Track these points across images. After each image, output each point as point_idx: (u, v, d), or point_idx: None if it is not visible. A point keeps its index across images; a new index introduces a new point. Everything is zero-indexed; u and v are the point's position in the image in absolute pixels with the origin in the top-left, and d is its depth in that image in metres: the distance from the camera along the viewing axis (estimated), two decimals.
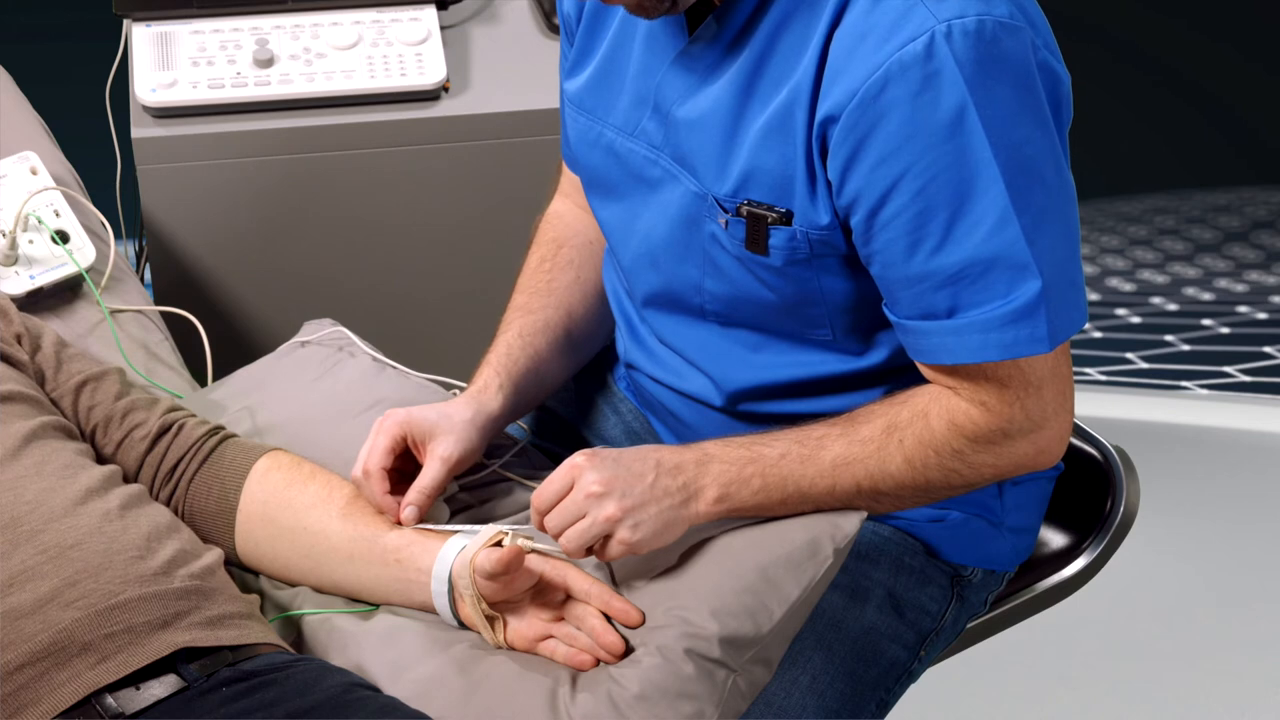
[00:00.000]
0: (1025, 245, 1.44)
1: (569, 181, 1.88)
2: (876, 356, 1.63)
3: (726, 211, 1.56)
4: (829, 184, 1.50)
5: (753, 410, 1.69)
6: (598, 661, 1.52)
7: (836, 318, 1.61)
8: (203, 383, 2.00)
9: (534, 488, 1.73)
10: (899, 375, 1.63)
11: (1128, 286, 4.20)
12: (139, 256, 2.43)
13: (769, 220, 1.53)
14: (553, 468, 1.79)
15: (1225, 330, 3.93)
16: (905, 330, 1.53)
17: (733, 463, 1.56)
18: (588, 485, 1.52)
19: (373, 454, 1.62)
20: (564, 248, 1.85)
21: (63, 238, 2.02)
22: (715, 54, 1.54)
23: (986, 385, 1.52)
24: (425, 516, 1.66)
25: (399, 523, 1.61)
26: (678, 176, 1.59)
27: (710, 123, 1.55)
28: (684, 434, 1.78)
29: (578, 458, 1.54)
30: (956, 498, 1.71)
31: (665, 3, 1.49)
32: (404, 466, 1.64)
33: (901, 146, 1.43)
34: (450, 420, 1.66)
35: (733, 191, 1.55)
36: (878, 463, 1.56)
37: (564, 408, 1.91)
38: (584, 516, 1.52)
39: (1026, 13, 1.46)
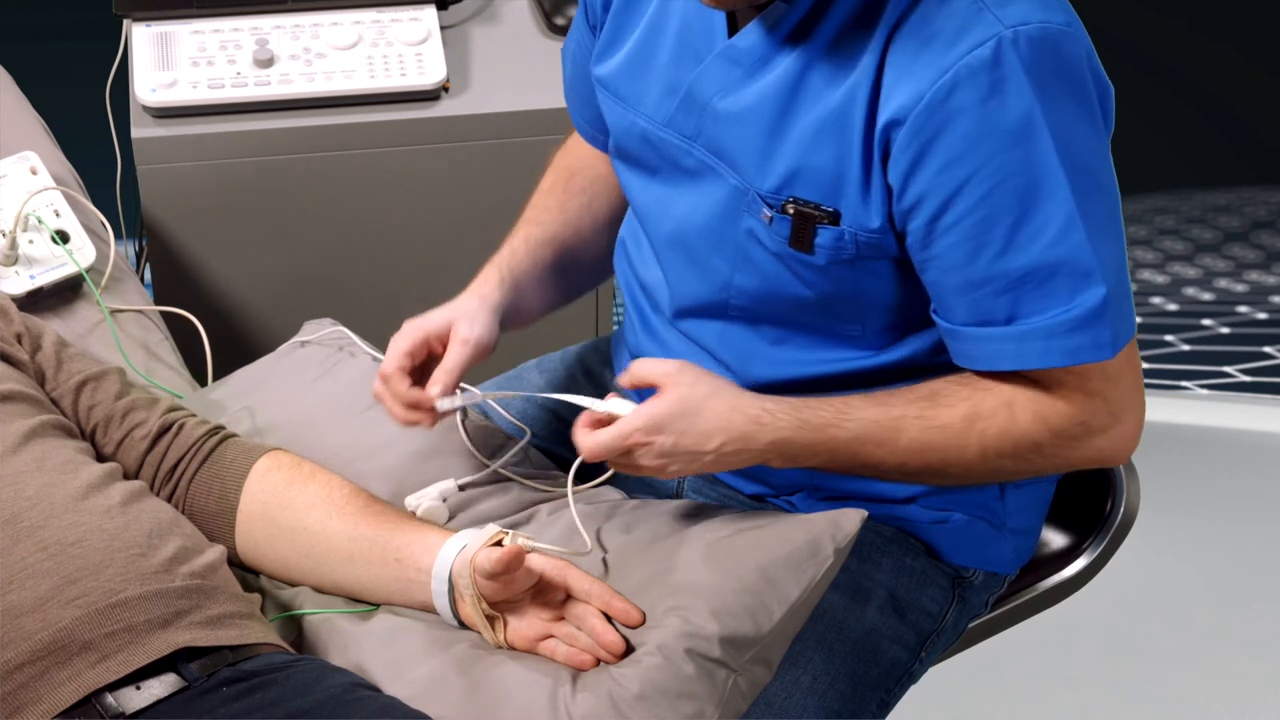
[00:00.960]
0: (1090, 251, 1.45)
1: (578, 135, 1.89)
2: (898, 353, 1.63)
3: (771, 208, 1.55)
4: (887, 188, 1.50)
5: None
6: (598, 661, 1.52)
7: (869, 316, 1.61)
8: (203, 383, 2.00)
9: (534, 488, 1.74)
10: (918, 373, 1.63)
11: None
12: (139, 256, 2.43)
13: (817, 219, 1.53)
14: (553, 468, 1.80)
15: (1225, 330, 3.93)
16: (959, 337, 1.53)
17: (803, 446, 1.55)
18: (645, 458, 1.53)
19: (389, 358, 1.64)
20: (577, 176, 1.85)
21: (63, 238, 2.02)
22: (763, 50, 1.53)
23: (1063, 382, 1.51)
24: (424, 517, 1.66)
25: (432, 411, 1.62)
26: (715, 168, 1.59)
27: (754, 117, 1.54)
28: None
29: (637, 421, 1.52)
30: (959, 500, 1.71)
31: None
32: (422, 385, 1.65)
33: (969, 151, 1.43)
34: (461, 310, 1.68)
35: (777, 188, 1.54)
36: (956, 451, 1.55)
37: (564, 408, 1.91)
38: (634, 466, 1.55)
39: (1074, 19, 1.47)
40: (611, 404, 1.57)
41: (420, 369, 1.68)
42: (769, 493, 1.77)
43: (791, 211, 1.54)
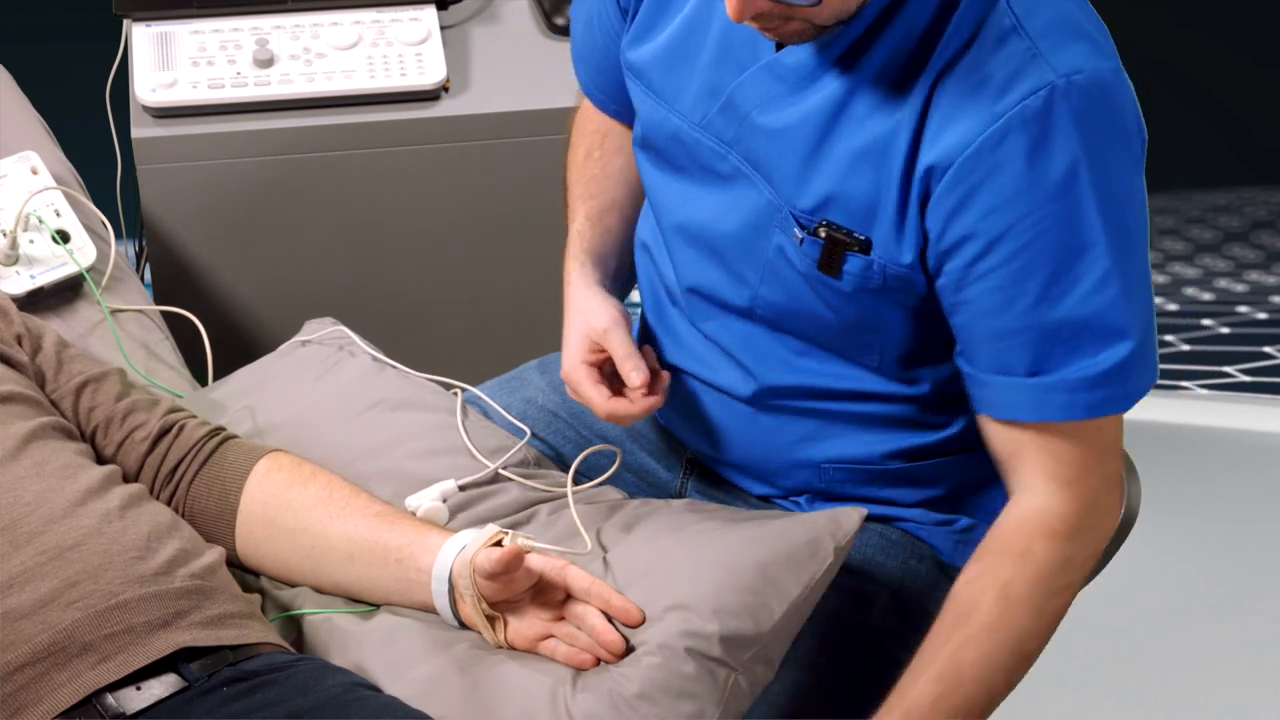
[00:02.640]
0: (1121, 308, 1.44)
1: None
2: (918, 388, 1.64)
3: (804, 229, 1.54)
4: (923, 230, 1.48)
5: (781, 404, 1.69)
6: (598, 661, 1.52)
7: (889, 347, 1.61)
8: (203, 383, 2.00)
9: (534, 488, 1.74)
10: (936, 406, 1.63)
11: None
12: (139, 256, 2.43)
13: (848, 246, 1.52)
14: (553, 468, 1.80)
15: (1225, 330, 3.93)
16: (980, 384, 1.52)
17: None
18: None
19: (594, 401, 1.65)
20: (608, 136, 1.83)
21: (63, 237, 2.02)
22: (809, 68, 1.51)
23: (1064, 447, 1.50)
24: (425, 517, 1.66)
25: (641, 390, 1.64)
26: (750, 178, 1.58)
27: (795, 136, 1.53)
28: (695, 427, 1.78)
29: None
30: (964, 503, 1.71)
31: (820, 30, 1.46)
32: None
33: (1013, 199, 1.42)
34: (578, 317, 1.70)
35: (812, 209, 1.53)
36: (1009, 634, 1.53)
37: (564, 407, 1.91)
38: None
39: (1121, 68, 1.46)
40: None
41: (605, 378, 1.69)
42: (777, 494, 1.77)
43: (823, 235, 1.53)
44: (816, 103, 1.51)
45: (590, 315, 1.69)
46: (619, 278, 1.80)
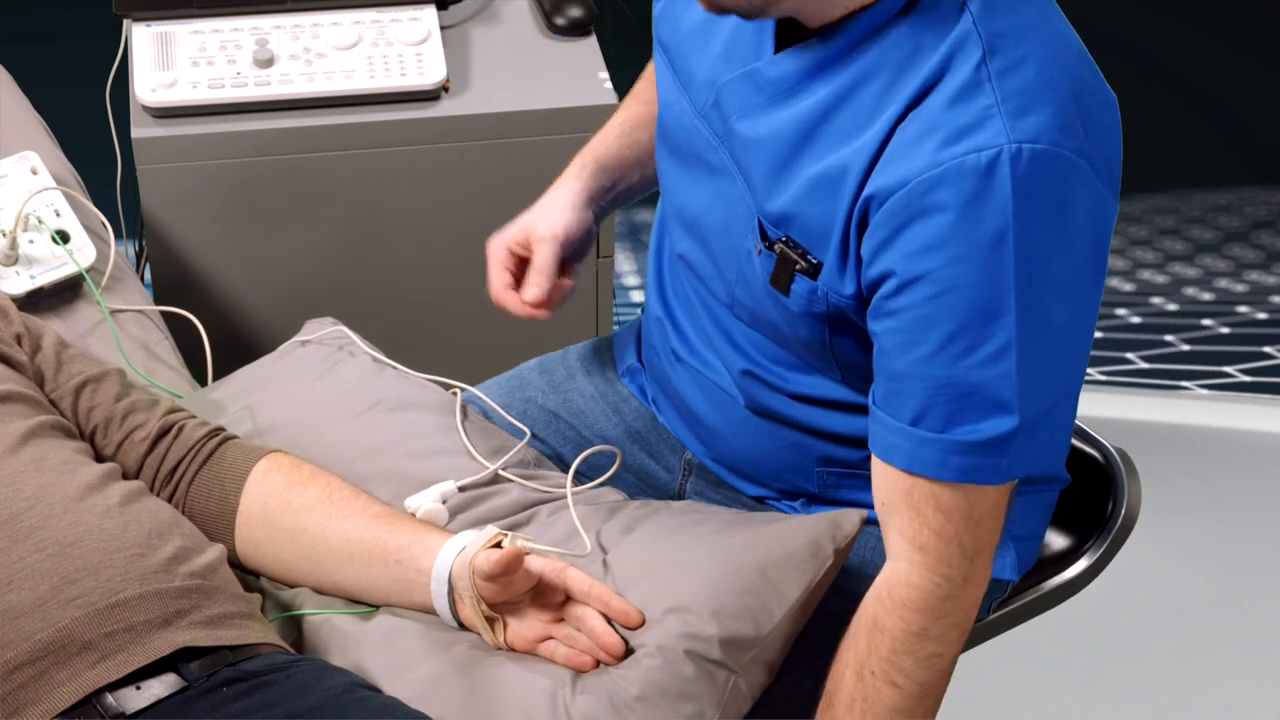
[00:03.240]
0: (1014, 383, 1.42)
1: None
2: None
3: (766, 239, 1.54)
4: (859, 257, 1.48)
5: (770, 407, 1.69)
6: (598, 662, 1.52)
7: (846, 371, 1.61)
8: (203, 383, 2.00)
9: (534, 489, 1.74)
10: None
11: (1128, 286, 4.20)
12: (139, 256, 2.43)
13: (797, 266, 1.52)
14: (553, 469, 1.80)
15: (1225, 330, 3.93)
16: (873, 416, 1.51)
17: None
18: None
19: (492, 280, 1.76)
20: None
21: (63, 237, 2.02)
22: (789, 83, 1.50)
23: (927, 509, 1.48)
24: (424, 518, 1.66)
25: (548, 302, 1.73)
26: (735, 178, 1.57)
27: (767, 148, 1.52)
28: (694, 428, 1.78)
29: None
30: None
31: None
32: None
33: (935, 248, 1.41)
34: (537, 212, 1.79)
35: (775, 223, 1.53)
36: (877, 715, 1.53)
37: (564, 407, 1.91)
38: None
39: (1097, 135, 1.43)
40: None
41: (521, 276, 1.76)
42: (773, 495, 1.77)
43: (777, 250, 1.53)
44: (789, 119, 1.50)
45: (543, 217, 1.77)
46: (615, 194, 1.83)
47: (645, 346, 1.87)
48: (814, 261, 1.51)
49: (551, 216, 1.77)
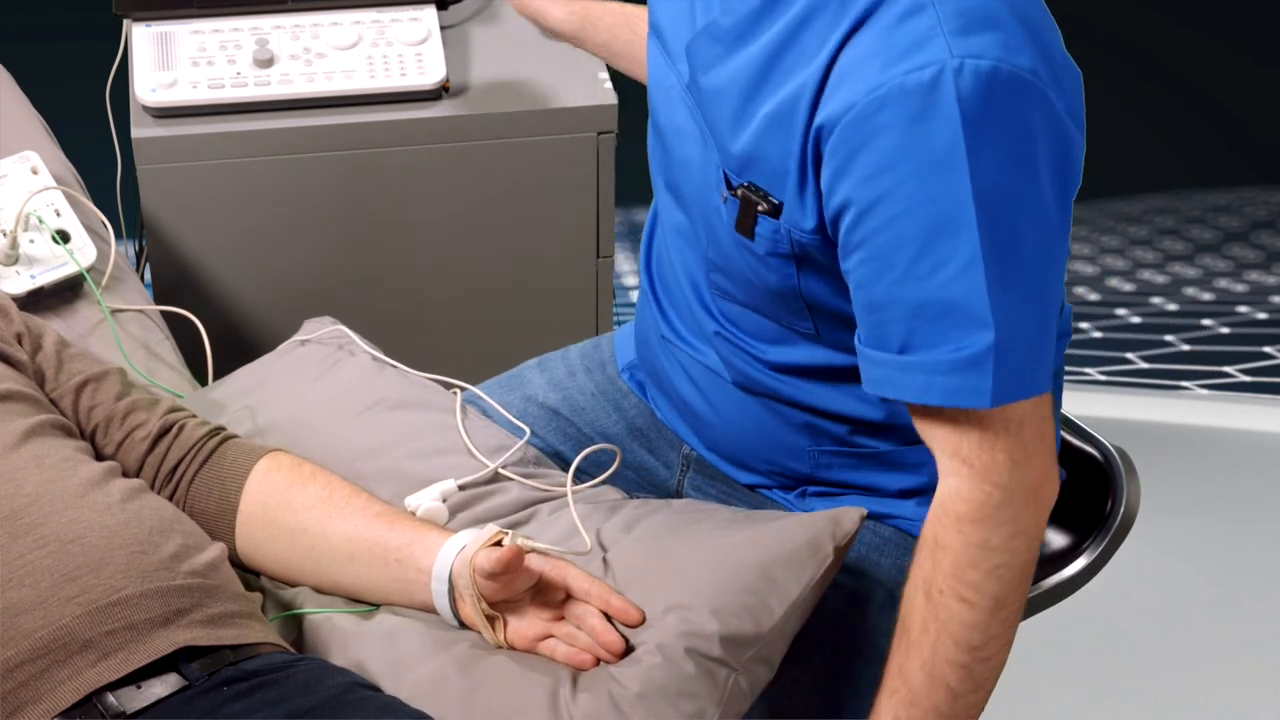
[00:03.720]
0: (986, 297, 1.42)
1: None
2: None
3: (730, 188, 1.55)
4: (819, 191, 1.49)
5: (758, 382, 1.69)
6: (598, 661, 1.52)
7: (819, 317, 1.61)
8: (203, 382, 2.00)
9: (534, 487, 1.74)
10: None
11: (1128, 286, 4.20)
12: (139, 256, 2.43)
13: (759, 208, 1.53)
14: (553, 467, 1.80)
15: (1225, 330, 3.93)
16: (861, 356, 1.51)
17: None
18: None
19: None
20: None
21: (63, 237, 2.02)
22: (742, 29, 1.52)
23: (962, 423, 1.48)
24: (424, 517, 1.66)
25: None
26: (705, 138, 1.59)
27: (727, 97, 1.54)
28: (688, 417, 1.78)
29: None
30: None
31: None
32: None
33: (887, 169, 1.41)
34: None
35: (737, 170, 1.54)
36: (951, 623, 1.50)
37: (564, 404, 1.91)
38: None
39: (1054, 70, 1.43)
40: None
41: None
42: (768, 483, 1.77)
43: (740, 195, 1.54)
44: (744, 63, 1.52)
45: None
46: (588, 27, 2.00)
47: (638, 339, 1.88)
48: (775, 202, 1.52)
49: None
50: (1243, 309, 4.03)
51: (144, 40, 2.29)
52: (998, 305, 1.42)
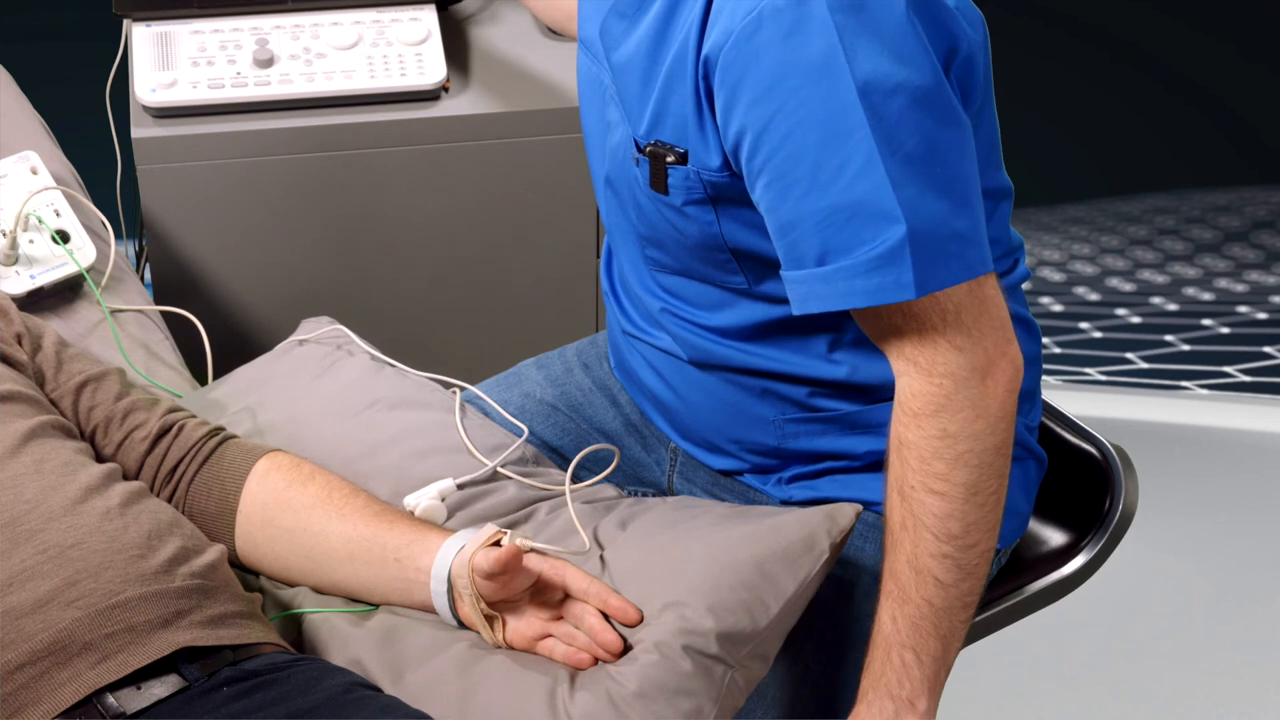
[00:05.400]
0: (890, 191, 1.43)
1: None
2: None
3: (640, 150, 1.58)
4: (716, 126, 1.51)
5: (711, 356, 1.70)
6: (596, 660, 1.52)
7: (746, 264, 1.62)
8: (203, 382, 2.00)
9: (532, 486, 1.74)
10: (833, 325, 1.63)
11: (1128, 286, 4.20)
12: (139, 256, 2.43)
13: (667, 160, 1.55)
14: (551, 466, 1.80)
15: (1225, 330, 3.93)
16: (786, 282, 1.52)
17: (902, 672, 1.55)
18: None
19: None
20: None
21: (63, 237, 2.02)
22: (639, 1, 1.57)
23: (900, 322, 1.48)
24: (423, 516, 1.66)
25: None
26: (622, 119, 1.62)
27: (634, 66, 1.57)
28: (660, 408, 1.79)
29: None
30: None
31: None
32: None
33: (772, 88, 1.44)
34: None
35: (646, 132, 1.57)
36: (929, 526, 1.51)
37: (563, 400, 1.91)
38: None
39: None
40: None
41: None
42: (740, 466, 1.77)
43: (648, 153, 1.57)
44: (644, 32, 1.56)
45: None
46: None
47: (610, 343, 1.89)
48: (681, 151, 1.54)
49: None
50: (1243, 309, 4.03)
51: (144, 40, 2.29)
52: (904, 196, 1.44)
